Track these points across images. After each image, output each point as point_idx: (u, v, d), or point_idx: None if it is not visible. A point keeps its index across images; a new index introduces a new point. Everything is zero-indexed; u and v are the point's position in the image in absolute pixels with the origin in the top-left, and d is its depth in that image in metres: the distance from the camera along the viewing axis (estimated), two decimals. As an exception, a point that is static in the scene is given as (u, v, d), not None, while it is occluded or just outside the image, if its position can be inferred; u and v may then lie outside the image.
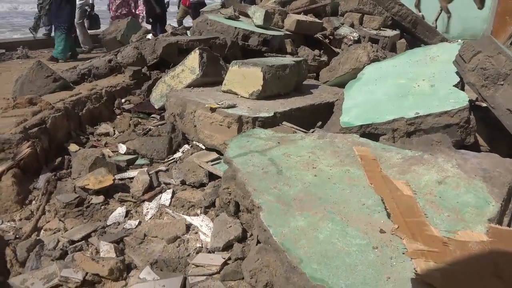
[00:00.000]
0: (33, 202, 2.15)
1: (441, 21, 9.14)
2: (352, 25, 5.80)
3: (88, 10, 6.85)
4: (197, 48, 3.27)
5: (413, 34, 6.12)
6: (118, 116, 3.37)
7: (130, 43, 4.97)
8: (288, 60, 3.22)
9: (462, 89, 2.68)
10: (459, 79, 2.65)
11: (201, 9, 6.64)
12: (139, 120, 3.27)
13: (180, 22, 9.42)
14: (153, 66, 4.04)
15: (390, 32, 5.71)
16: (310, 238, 1.37)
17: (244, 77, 2.91)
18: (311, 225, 1.44)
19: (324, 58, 5.01)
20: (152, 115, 3.38)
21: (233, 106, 2.64)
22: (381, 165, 1.85)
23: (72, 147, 2.67)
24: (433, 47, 3.34)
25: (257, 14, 4.94)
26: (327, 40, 5.43)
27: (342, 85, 3.73)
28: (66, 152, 2.64)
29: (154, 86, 3.48)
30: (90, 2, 6.92)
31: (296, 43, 5.04)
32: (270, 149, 2.11)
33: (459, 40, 4.19)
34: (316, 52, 5.04)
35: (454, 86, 2.58)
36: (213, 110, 2.62)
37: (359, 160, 1.62)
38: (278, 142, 2.19)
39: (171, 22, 8.98)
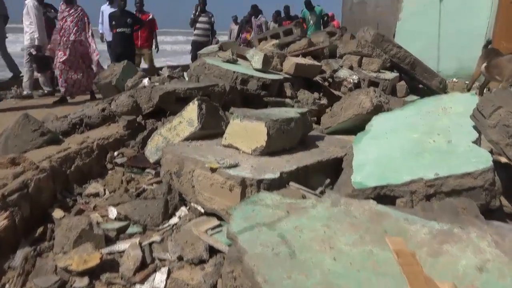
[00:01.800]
0: (7, 285, 1.86)
1: (435, 61, 9.24)
2: (351, 68, 5.74)
3: (34, 52, 6.68)
4: (195, 99, 3.09)
5: (412, 75, 6.08)
6: (109, 171, 3.12)
7: (126, 87, 4.83)
8: (292, 112, 3.04)
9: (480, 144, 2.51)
10: (477, 134, 2.47)
11: (199, 52, 6.62)
12: (132, 176, 3.03)
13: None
14: (148, 115, 3.86)
15: (389, 75, 5.65)
16: None
17: (247, 131, 2.72)
18: (339, 338, 1.18)
19: (324, 101, 4.89)
20: (147, 170, 3.14)
21: (235, 166, 2.42)
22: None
23: (57, 213, 2.40)
24: (443, 97, 3.21)
25: (255, 57, 4.86)
26: (326, 83, 5.34)
27: (344, 131, 3.60)
28: (49, 218, 2.37)
29: (150, 138, 3.27)
30: (36, 44, 6.73)
31: (295, 86, 4.93)
32: (279, 220, 1.87)
33: (455, 79, 4.09)
34: (316, 95, 4.93)
35: (473, 142, 2.40)
36: (213, 170, 2.39)
37: (395, 257, 1.39)
38: (287, 211, 1.95)
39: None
